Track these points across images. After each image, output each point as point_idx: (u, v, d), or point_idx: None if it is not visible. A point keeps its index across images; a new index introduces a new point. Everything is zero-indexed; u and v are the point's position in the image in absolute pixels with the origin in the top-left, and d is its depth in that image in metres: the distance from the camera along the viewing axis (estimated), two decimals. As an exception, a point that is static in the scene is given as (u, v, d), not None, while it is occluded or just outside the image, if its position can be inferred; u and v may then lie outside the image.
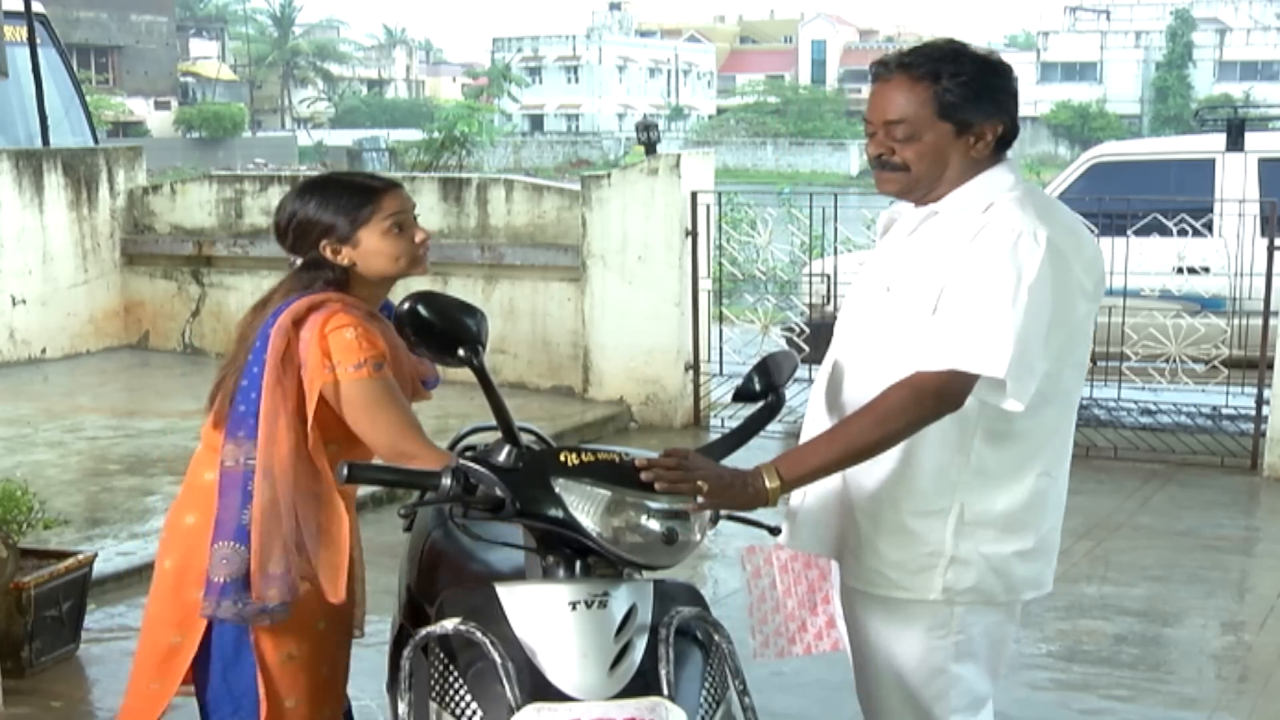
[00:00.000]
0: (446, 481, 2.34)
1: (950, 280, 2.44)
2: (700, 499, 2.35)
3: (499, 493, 2.33)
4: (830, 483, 2.63)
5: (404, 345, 2.69)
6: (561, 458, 2.39)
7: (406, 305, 2.35)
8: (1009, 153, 2.63)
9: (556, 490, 2.33)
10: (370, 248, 2.75)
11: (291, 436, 2.67)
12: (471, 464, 2.37)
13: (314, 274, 2.78)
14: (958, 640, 2.59)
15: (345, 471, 2.34)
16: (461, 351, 2.36)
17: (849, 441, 2.43)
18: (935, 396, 2.39)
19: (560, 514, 2.33)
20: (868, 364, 2.58)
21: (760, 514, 2.66)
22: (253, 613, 2.72)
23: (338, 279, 2.78)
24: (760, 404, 2.85)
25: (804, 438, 2.67)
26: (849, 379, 2.63)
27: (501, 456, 2.38)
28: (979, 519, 2.54)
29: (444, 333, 2.36)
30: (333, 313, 2.69)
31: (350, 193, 2.76)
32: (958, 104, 2.51)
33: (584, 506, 2.32)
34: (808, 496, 2.71)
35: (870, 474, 2.57)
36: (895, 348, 2.50)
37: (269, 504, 2.67)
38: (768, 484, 2.40)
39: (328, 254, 2.77)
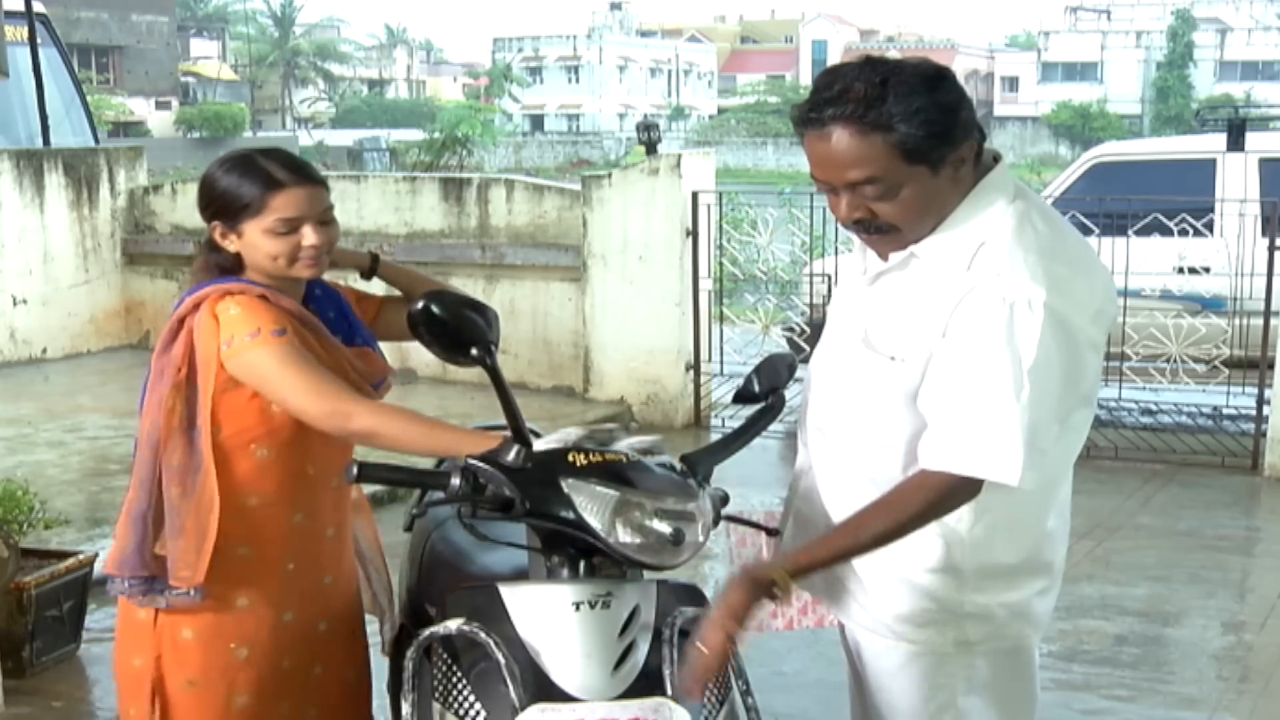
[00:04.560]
0: (455, 481, 2.34)
1: (939, 353, 2.21)
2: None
3: (508, 492, 2.33)
4: (812, 522, 2.49)
5: (335, 342, 2.68)
6: (570, 458, 2.38)
7: (420, 304, 2.35)
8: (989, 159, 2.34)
9: (565, 490, 2.33)
10: (251, 241, 2.62)
11: (162, 412, 2.59)
12: (480, 463, 2.37)
13: (212, 255, 2.68)
14: (968, 676, 2.42)
15: (354, 471, 2.32)
16: (474, 350, 2.36)
17: (862, 539, 2.28)
18: (950, 496, 2.22)
19: (570, 514, 2.32)
20: (849, 420, 2.38)
21: (761, 514, 2.67)
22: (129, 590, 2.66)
23: (233, 264, 2.66)
24: (760, 405, 2.84)
25: (800, 453, 2.56)
26: (831, 433, 2.44)
27: (510, 456, 2.37)
28: (993, 573, 2.35)
29: (456, 331, 2.35)
30: (222, 294, 2.60)
31: (250, 182, 2.60)
32: (924, 143, 2.19)
33: (592, 506, 2.31)
34: (794, 537, 2.56)
35: None
36: (879, 409, 2.31)
37: (134, 475, 2.66)
38: (777, 582, 2.24)
39: (216, 236, 2.65)
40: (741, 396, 2.86)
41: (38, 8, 11.38)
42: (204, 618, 2.65)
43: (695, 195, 7.96)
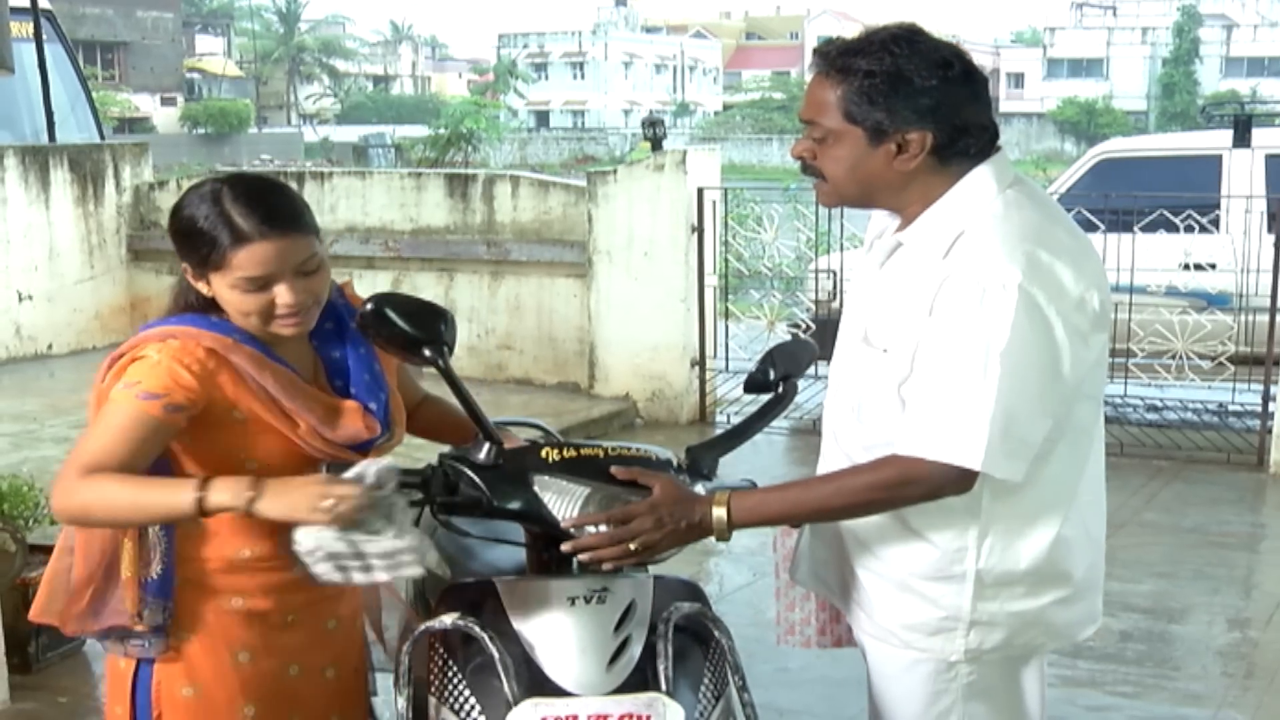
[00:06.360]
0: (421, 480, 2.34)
1: (921, 343, 2.18)
2: (637, 556, 2.27)
3: (475, 490, 2.34)
4: (825, 527, 2.45)
5: (304, 397, 2.35)
6: (543, 454, 2.39)
7: (369, 306, 2.31)
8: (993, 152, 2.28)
9: (534, 487, 2.34)
10: (221, 294, 2.32)
11: None
12: (451, 461, 2.38)
13: (186, 290, 2.40)
14: (971, 682, 2.38)
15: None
16: (427, 352, 2.34)
17: (812, 505, 2.31)
18: (909, 481, 2.18)
19: (535, 510, 2.33)
20: (852, 419, 2.37)
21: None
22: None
23: (207, 302, 2.37)
24: (769, 395, 2.78)
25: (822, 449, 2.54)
26: (840, 435, 2.44)
27: (481, 454, 2.38)
28: (1001, 580, 2.29)
29: (406, 333, 2.33)
30: (164, 337, 2.34)
31: (212, 230, 2.28)
32: (864, 106, 2.19)
33: (560, 502, 2.32)
34: (811, 543, 2.54)
35: (866, 532, 2.36)
36: (875, 406, 2.29)
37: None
38: (714, 513, 2.26)
39: (189, 277, 2.36)
40: (753, 384, 2.78)
41: (43, 3, 11.35)
42: (203, 675, 2.43)
43: (700, 191, 7.96)
